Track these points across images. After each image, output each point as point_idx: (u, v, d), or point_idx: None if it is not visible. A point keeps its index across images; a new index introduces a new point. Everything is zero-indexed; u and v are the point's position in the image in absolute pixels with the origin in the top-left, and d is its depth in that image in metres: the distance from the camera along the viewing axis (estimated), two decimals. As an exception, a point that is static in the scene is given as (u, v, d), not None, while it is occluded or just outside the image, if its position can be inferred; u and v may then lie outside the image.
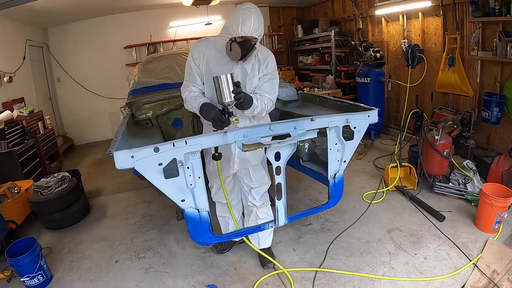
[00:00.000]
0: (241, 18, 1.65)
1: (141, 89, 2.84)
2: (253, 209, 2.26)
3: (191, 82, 1.88)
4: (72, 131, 6.18)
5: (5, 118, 3.65)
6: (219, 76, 1.58)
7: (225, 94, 1.60)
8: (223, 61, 1.83)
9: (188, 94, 1.86)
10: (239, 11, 1.69)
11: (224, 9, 6.38)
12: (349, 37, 5.53)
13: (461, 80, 3.63)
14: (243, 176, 2.15)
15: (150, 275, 2.32)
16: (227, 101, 1.61)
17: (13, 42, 4.62)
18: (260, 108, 1.81)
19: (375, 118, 1.73)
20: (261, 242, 2.33)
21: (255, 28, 1.68)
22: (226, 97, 1.61)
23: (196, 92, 1.87)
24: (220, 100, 1.63)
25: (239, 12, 1.68)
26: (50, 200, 2.94)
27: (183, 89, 1.91)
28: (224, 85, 1.59)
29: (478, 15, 3.32)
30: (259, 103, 1.80)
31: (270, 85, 1.92)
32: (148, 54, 5.90)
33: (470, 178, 2.99)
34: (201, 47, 1.85)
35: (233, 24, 1.68)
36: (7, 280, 2.34)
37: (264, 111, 1.87)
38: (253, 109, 1.78)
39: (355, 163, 4.04)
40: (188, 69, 1.89)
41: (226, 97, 1.61)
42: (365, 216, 2.84)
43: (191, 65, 1.87)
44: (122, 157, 1.26)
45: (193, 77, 1.87)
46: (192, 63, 1.86)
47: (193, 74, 1.87)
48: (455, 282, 2.02)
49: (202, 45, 1.86)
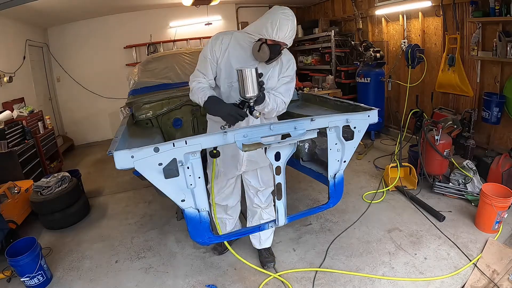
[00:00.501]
0: (279, 22, 1.61)
1: (141, 89, 2.83)
2: (258, 210, 2.26)
3: (203, 73, 1.81)
4: (72, 131, 6.18)
5: (5, 118, 3.65)
6: (244, 70, 1.54)
7: (248, 88, 1.56)
8: (245, 58, 1.77)
9: (196, 84, 1.78)
10: (277, 14, 1.63)
11: (224, 9, 6.39)
12: (349, 37, 5.53)
13: (461, 80, 3.63)
14: (250, 178, 2.13)
15: (150, 275, 2.32)
16: (250, 95, 1.58)
17: (13, 42, 4.62)
18: (271, 106, 1.78)
19: (375, 118, 1.73)
20: (262, 242, 2.34)
21: (290, 35, 1.66)
22: (250, 91, 1.56)
23: (205, 84, 1.80)
24: (242, 93, 1.59)
25: (277, 15, 1.63)
26: (50, 200, 2.94)
27: (192, 78, 1.83)
28: (248, 79, 1.55)
29: (478, 15, 3.32)
30: (271, 102, 1.78)
31: (286, 87, 1.90)
32: (148, 54, 5.90)
33: (470, 178, 2.99)
34: (224, 40, 1.77)
35: (268, 25, 1.63)
36: (7, 280, 2.34)
37: (275, 111, 1.85)
38: (264, 106, 1.74)
39: (355, 163, 4.04)
40: (202, 59, 1.81)
41: (250, 90, 1.56)
42: (365, 216, 2.84)
43: (207, 56, 1.78)
44: (122, 157, 1.26)
45: (206, 69, 1.80)
46: (209, 55, 1.78)
47: (206, 65, 1.79)
48: (455, 282, 2.02)
49: (226, 38, 1.78)
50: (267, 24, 1.64)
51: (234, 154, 1.95)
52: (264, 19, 1.69)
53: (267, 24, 1.65)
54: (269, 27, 1.63)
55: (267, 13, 1.70)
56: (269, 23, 1.64)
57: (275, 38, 1.64)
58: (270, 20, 1.64)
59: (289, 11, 1.67)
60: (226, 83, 1.80)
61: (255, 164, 2.03)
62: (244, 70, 1.54)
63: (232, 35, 1.80)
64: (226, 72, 1.78)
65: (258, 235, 2.34)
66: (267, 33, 1.65)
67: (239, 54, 1.78)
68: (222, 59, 1.78)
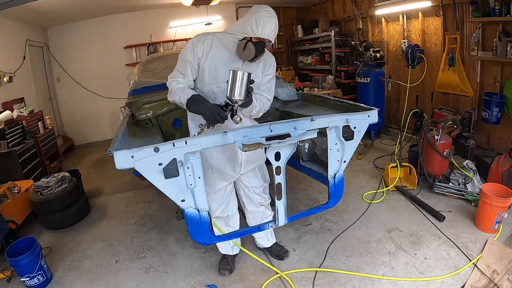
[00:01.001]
0: (263, 20, 1.63)
1: (141, 89, 2.83)
2: (261, 208, 2.25)
3: (182, 74, 1.78)
4: (72, 131, 6.18)
5: (5, 118, 3.65)
6: (237, 71, 1.52)
7: (236, 90, 1.53)
8: (229, 58, 1.77)
9: (175, 85, 1.75)
10: (259, 12, 1.65)
11: (224, 9, 6.38)
12: (349, 37, 5.53)
13: (461, 80, 3.63)
14: (250, 179, 2.10)
15: (150, 275, 2.32)
16: (236, 98, 1.55)
17: (13, 42, 4.62)
18: (258, 107, 1.81)
19: (375, 118, 1.73)
20: (270, 238, 2.40)
21: (273, 32, 1.68)
22: (236, 94, 1.53)
23: (185, 84, 1.77)
24: (229, 95, 1.56)
25: (260, 13, 1.65)
26: (50, 200, 2.94)
27: (170, 78, 1.79)
28: (239, 82, 1.53)
29: (478, 15, 3.32)
30: (258, 103, 1.80)
31: (269, 85, 1.93)
32: (148, 54, 5.89)
33: (470, 178, 2.98)
34: (206, 41, 1.75)
35: (252, 23, 1.64)
36: (7, 280, 2.34)
37: (262, 111, 1.87)
38: (251, 108, 1.77)
39: (355, 163, 4.04)
40: (182, 60, 1.78)
41: (236, 93, 1.53)
42: (365, 216, 2.84)
43: (187, 58, 1.76)
44: (122, 157, 1.26)
45: (185, 70, 1.77)
46: (189, 56, 1.75)
47: (186, 66, 1.76)
48: (455, 282, 2.02)
49: (208, 39, 1.76)
50: (251, 22, 1.65)
51: (231, 157, 1.92)
52: (247, 18, 1.70)
53: (251, 22, 1.66)
54: (254, 25, 1.64)
55: (249, 12, 1.71)
56: (253, 21, 1.65)
57: (260, 35, 1.65)
58: (254, 18, 1.65)
59: (271, 9, 1.69)
60: (210, 84, 1.78)
61: (252, 163, 2.02)
62: (238, 72, 1.52)
63: (214, 36, 1.79)
64: (211, 74, 1.76)
65: (264, 233, 2.34)
66: (252, 31, 1.66)
67: (222, 54, 1.77)
68: (205, 60, 1.76)
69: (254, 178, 2.12)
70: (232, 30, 1.78)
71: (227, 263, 2.28)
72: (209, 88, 1.78)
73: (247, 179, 2.11)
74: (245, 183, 2.12)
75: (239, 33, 1.72)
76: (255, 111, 1.82)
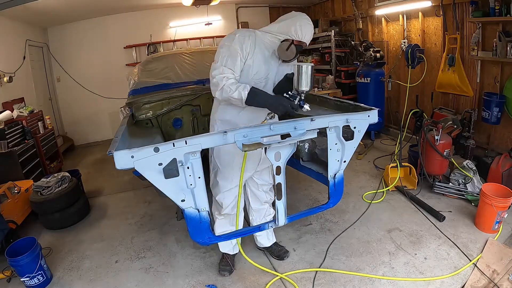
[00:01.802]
0: (304, 25, 1.78)
1: (141, 89, 2.84)
2: (266, 206, 2.29)
3: (231, 69, 1.76)
4: (72, 131, 6.17)
5: (5, 118, 3.65)
6: (303, 65, 1.65)
7: (303, 82, 1.66)
8: (267, 56, 1.85)
9: (226, 81, 1.73)
10: (303, 19, 1.80)
11: (224, 9, 6.38)
12: (349, 37, 5.53)
13: (461, 80, 3.63)
14: (260, 176, 2.15)
15: (150, 275, 2.32)
16: (304, 89, 1.68)
17: (13, 42, 4.62)
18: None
19: (375, 118, 1.73)
20: (270, 238, 2.40)
21: (311, 38, 1.84)
22: (303, 85, 1.67)
23: (234, 80, 1.76)
24: (297, 86, 1.69)
25: (302, 19, 1.79)
26: (50, 200, 2.94)
27: (218, 75, 1.75)
28: (304, 74, 1.65)
29: (478, 15, 3.32)
30: None
31: None
32: (148, 54, 5.90)
33: (470, 178, 2.98)
34: (251, 37, 1.82)
35: (297, 28, 1.77)
36: (7, 280, 2.34)
37: None
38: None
39: (355, 163, 4.04)
40: (230, 55, 1.76)
41: (303, 84, 1.67)
42: (365, 216, 2.84)
43: (237, 51, 1.76)
44: (122, 157, 1.26)
45: (235, 65, 1.76)
46: (239, 50, 1.76)
47: (236, 61, 1.76)
48: (455, 282, 2.02)
49: (252, 35, 1.83)
50: (296, 27, 1.77)
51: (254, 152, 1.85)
52: (291, 22, 1.80)
53: (295, 26, 1.77)
54: (298, 30, 1.77)
55: (291, 16, 1.84)
56: (298, 25, 1.77)
57: (302, 39, 1.79)
58: (299, 23, 1.78)
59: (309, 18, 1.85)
60: (254, 79, 1.84)
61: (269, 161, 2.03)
62: (303, 65, 1.65)
63: (255, 34, 1.86)
64: (255, 69, 1.82)
65: (265, 232, 2.35)
66: (296, 35, 1.78)
67: (263, 52, 1.84)
68: (251, 56, 1.81)
69: (266, 176, 2.17)
70: (272, 30, 1.86)
71: (226, 263, 2.28)
72: (252, 83, 1.82)
73: (258, 176, 2.15)
74: (256, 180, 2.17)
75: (281, 34, 1.81)
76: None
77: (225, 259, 2.29)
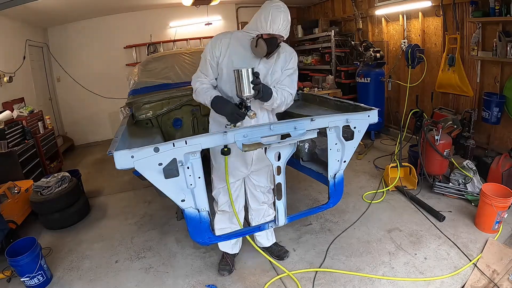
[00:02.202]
0: (271, 15, 1.63)
1: (141, 89, 2.83)
2: (264, 206, 2.28)
3: (204, 74, 1.85)
4: (72, 131, 6.18)
5: (5, 118, 3.65)
6: (240, 69, 1.58)
7: (244, 88, 1.60)
8: (246, 56, 1.79)
9: (199, 85, 1.82)
10: (268, 8, 1.65)
11: (224, 9, 6.39)
12: (349, 37, 5.53)
13: (461, 80, 3.63)
14: (259, 178, 2.14)
15: (150, 275, 2.32)
16: (246, 95, 1.62)
17: (13, 42, 4.61)
18: (279, 100, 1.81)
19: (375, 118, 1.73)
20: (270, 238, 2.40)
21: (283, 26, 1.66)
22: (246, 91, 1.61)
23: (207, 84, 1.84)
24: (239, 93, 1.63)
25: (268, 8, 1.65)
26: (50, 200, 2.94)
27: (195, 79, 1.87)
28: (244, 79, 1.59)
29: (478, 15, 3.32)
30: (279, 96, 1.80)
31: (290, 79, 1.92)
32: (148, 54, 5.89)
33: (470, 178, 2.98)
34: (223, 40, 1.80)
35: (262, 20, 1.66)
36: (7, 280, 2.34)
37: (284, 104, 1.87)
38: (272, 101, 1.77)
39: (355, 163, 4.04)
40: (203, 60, 1.85)
41: (246, 90, 1.61)
42: (365, 216, 2.84)
43: (207, 57, 1.82)
44: (122, 157, 1.26)
45: (207, 70, 1.83)
46: (208, 55, 1.81)
47: (207, 66, 1.82)
48: (455, 282, 2.02)
49: (225, 38, 1.81)
50: (261, 19, 1.67)
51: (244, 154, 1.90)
52: (257, 15, 1.71)
53: (260, 18, 1.67)
54: (263, 21, 1.66)
55: (261, 9, 1.72)
56: (262, 17, 1.66)
57: (269, 31, 1.66)
58: (263, 14, 1.66)
59: (281, 3, 1.68)
60: (229, 82, 1.81)
61: (262, 162, 2.02)
62: (240, 69, 1.58)
63: (232, 35, 1.82)
64: (228, 73, 1.79)
65: (265, 232, 2.35)
66: (261, 28, 1.67)
67: (240, 53, 1.79)
68: (223, 60, 1.79)
69: (263, 178, 2.16)
70: (247, 28, 1.82)
71: (226, 263, 2.28)
72: (227, 86, 1.82)
73: (256, 178, 2.14)
74: (253, 181, 2.16)
75: (252, 30, 1.75)
76: (276, 104, 1.82)
77: (224, 259, 2.29)
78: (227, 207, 2.12)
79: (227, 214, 2.16)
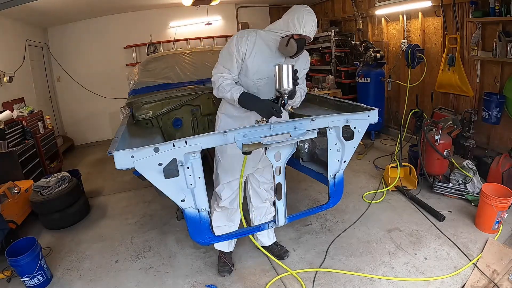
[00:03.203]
0: (304, 18, 1.72)
1: (141, 89, 2.84)
2: (266, 204, 2.29)
3: (228, 69, 1.85)
4: (72, 131, 6.17)
5: (5, 118, 3.65)
6: (282, 65, 1.64)
7: (284, 82, 1.65)
8: (270, 56, 1.84)
9: (223, 81, 1.83)
10: (301, 11, 1.74)
11: (224, 9, 6.39)
12: (349, 37, 5.53)
13: (461, 80, 3.63)
14: (263, 174, 2.16)
15: (150, 275, 2.32)
16: (285, 89, 1.67)
17: (13, 42, 4.61)
18: (299, 98, 1.93)
19: (375, 118, 1.73)
20: (271, 237, 2.41)
21: (313, 30, 1.76)
22: (286, 85, 1.66)
23: (231, 80, 1.86)
24: (278, 87, 1.68)
25: (302, 12, 1.74)
26: (50, 200, 2.94)
27: (216, 73, 1.87)
28: (285, 73, 1.64)
29: (478, 15, 3.32)
30: (299, 94, 1.91)
31: (303, 78, 2.05)
32: (148, 54, 5.89)
33: (470, 178, 2.98)
34: (250, 37, 1.82)
35: (295, 21, 1.73)
36: (7, 280, 2.34)
37: (300, 101, 1.99)
38: (294, 99, 1.86)
39: (355, 163, 4.04)
40: (227, 55, 1.86)
41: (286, 84, 1.65)
42: (365, 216, 2.84)
43: (233, 52, 1.83)
44: (122, 157, 1.26)
45: (231, 65, 1.84)
46: (235, 51, 1.82)
47: (233, 61, 1.84)
48: (455, 282, 2.02)
49: (252, 36, 1.83)
50: (294, 20, 1.73)
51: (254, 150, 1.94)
52: (290, 16, 1.77)
53: (293, 20, 1.74)
54: (296, 23, 1.72)
55: (291, 10, 1.79)
56: (296, 19, 1.73)
57: (302, 32, 1.74)
58: (296, 16, 1.73)
59: (311, 9, 1.78)
60: (253, 79, 1.86)
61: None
62: (282, 65, 1.63)
63: (257, 34, 1.86)
64: (254, 69, 1.84)
65: (266, 231, 2.35)
66: (294, 29, 1.74)
67: (264, 51, 1.84)
68: (249, 56, 1.83)
69: (268, 174, 2.16)
70: (274, 28, 1.86)
71: (225, 263, 2.28)
72: (252, 83, 1.87)
73: (260, 174, 2.16)
74: (257, 177, 2.18)
75: (281, 30, 1.80)
76: (297, 101, 1.93)
77: (222, 259, 2.30)
78: (228, 203, 2.12)
79: (226, 211, 2.16)
